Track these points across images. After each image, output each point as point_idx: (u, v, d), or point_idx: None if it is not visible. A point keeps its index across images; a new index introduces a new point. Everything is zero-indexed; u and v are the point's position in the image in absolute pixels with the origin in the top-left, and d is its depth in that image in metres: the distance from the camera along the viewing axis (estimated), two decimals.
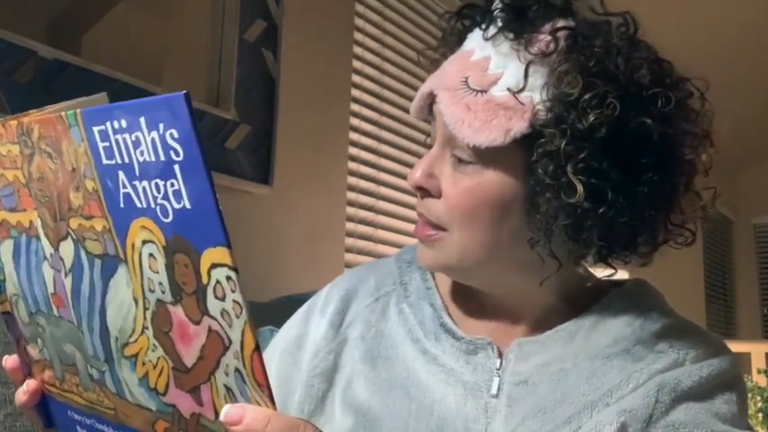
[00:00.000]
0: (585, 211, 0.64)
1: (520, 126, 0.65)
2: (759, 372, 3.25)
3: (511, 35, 0.67)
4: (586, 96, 0.63)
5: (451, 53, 0.73)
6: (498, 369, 0.71)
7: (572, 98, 0.63)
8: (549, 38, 0.66)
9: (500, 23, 0.68)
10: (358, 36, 2.19)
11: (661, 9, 3.11)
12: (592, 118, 0.62)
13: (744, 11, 3.46)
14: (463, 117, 0.66)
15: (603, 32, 0.67)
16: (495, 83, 0.66)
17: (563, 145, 0.63)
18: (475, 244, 0.69)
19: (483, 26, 0.69)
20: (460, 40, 0.73)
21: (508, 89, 0.65)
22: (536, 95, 0.65)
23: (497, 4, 0.69)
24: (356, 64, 2.17)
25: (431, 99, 0.71)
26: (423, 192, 0.71)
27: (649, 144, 0.64)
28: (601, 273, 0.80)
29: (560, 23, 0.67)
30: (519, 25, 0.67)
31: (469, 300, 0.77)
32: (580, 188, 0.63)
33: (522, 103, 0.65)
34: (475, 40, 0.71)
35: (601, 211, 0.64)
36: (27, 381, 0.61)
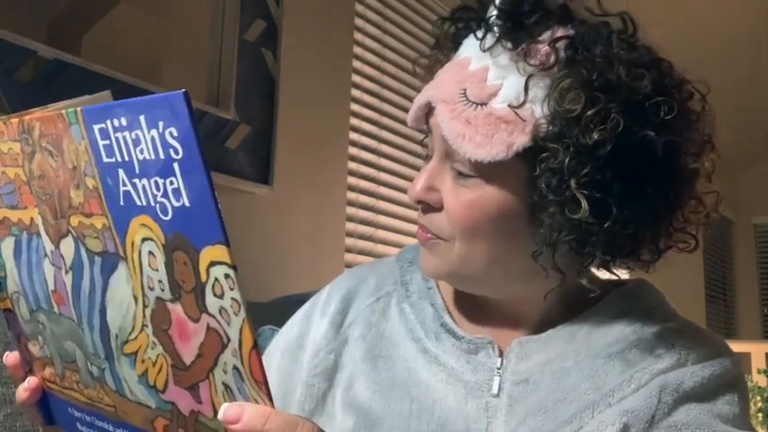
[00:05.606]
0: (590, 226, 0.63)
1: (522, 140, 0.64)
2: (759, 372, 3.25)
3: (509, 45, 0.65)
4: (589, 113, 0.62)
5: (446, 59, 0.72)
6: (499, 368, 0.71)
7: (574, 114, 0.62)
8: (548, 49, 0.65)
9: (497, 33, 0.66)
10: (358, 36, 2.19)
11: (659, 10, 3.11)
12: (596, 135, 0.61)
13: (742, 11, 3.46)
14: (464, 132, 0.65)
15: (603, 39, 0.66)
16: (495, 95, 0.65)
17: (567, 160, 0.62)
18: (477, 255, 0.68)
19: (479, 35, 0.67)
20: (455, 45, 0.72)
21: (509, 105, 0.64)
22: (537, 108, 0.64)
23: (492, 11, 0.67)
24: (356, 64, 2.17)
25: (427, 109, 0.70)
26: (424, 205, 0.71)
27: (652, 155, 0.63)
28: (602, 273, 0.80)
29: (559, 32, 0.66)
30: (517, 35, 0.65)
31: (471, 300, 0.77)
32: (584, 203, 0.62)
33: (523, 119, 0.64)
34: (471, 47, 0.69)
35: (606, 225, 0.63)
36: (28, 378, 0.61)
